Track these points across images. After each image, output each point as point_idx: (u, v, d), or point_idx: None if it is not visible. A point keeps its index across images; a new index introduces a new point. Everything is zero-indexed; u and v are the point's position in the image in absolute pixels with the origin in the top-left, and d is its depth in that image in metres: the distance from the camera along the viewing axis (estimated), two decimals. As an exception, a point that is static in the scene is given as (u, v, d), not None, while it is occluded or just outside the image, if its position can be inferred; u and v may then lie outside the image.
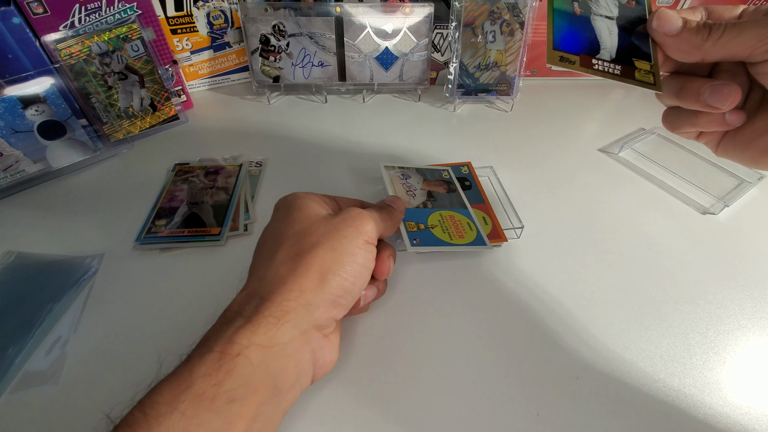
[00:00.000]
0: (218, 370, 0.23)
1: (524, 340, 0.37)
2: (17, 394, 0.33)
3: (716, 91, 0.26)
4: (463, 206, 0.46)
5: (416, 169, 0.50)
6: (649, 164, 0.55)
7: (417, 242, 0.40)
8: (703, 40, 0.24)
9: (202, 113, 0.66)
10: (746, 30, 0.22)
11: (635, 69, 0.27)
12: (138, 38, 0.55)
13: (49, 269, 0.42)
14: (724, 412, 0.33)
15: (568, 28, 0.28)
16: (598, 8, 0.27)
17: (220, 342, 0.24)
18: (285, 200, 0.34)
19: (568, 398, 0.33)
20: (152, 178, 0.53)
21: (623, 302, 0.40)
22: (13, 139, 0.49)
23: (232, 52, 0.69)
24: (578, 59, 0.28)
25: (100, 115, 0.55)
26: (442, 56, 0.69)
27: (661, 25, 0.25)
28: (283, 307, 0.26)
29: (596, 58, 0.28)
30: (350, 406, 0.33)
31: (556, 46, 0.28)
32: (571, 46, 0.28)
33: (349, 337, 0.37)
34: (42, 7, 0.49)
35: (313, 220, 0.31)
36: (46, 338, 0.36)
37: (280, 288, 0.26)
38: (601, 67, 0.28)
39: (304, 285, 0.27)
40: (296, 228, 0.30)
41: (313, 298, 0.27)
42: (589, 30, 0.27)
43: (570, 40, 0.28)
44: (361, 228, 0.30)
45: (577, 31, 0.28)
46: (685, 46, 0.25)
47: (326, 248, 0.28)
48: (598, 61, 0.28)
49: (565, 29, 0.28)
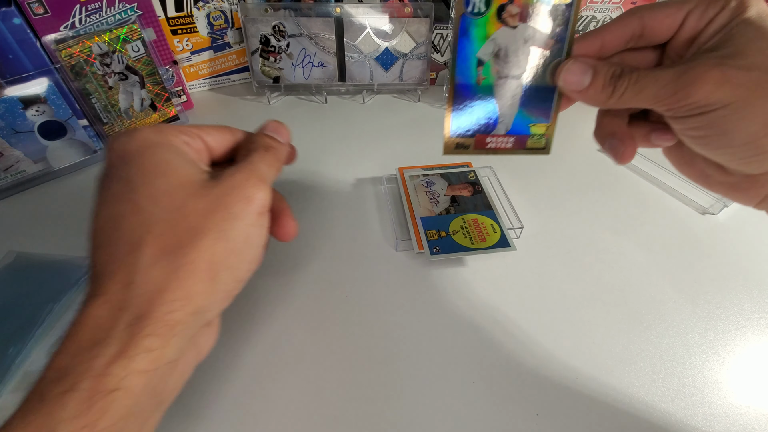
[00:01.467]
0: (89, 410, 0.18)
1: (524, 339, 0.37)
2: (17, 394, 0.33)
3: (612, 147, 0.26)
4: (488, 207, 0.46)
5: (440, 174, 0.50)
6: (649, 164, 0.55)
7: (437, 250, 0.40)
8: (607, 97, 0.23)
9: (202, 114, 0.66)
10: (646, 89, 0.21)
11: (528, 137, 0.26)
12: (138, 39, 0.55)
13: (49, 269, 0.42)
14: (723, 411, 0.33)
15: (467, 105, 0.25)
16: (505, 68, 0.25)
17: (88, 377, 0.18)
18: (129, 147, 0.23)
19: (567, 398, 0.33)
20: (152, 179, 0.53)
21: (623, 302, 0.40)
22: (13, 140, 0.49)
23: (233, 52, 0.69)
24: (473, 142, 0.26)
25: (101, 115, 0.55)
26: (442, 56, 0.69)
27: (567, 82, 0.24)
28: (167, 322, 0.20)
29: (491, 135, 0.26)
30: (350, 407, 0.33)
31: (455, 132, 0.26)
32: (468, 128, 0.26)
33: (348, 337, 0.37)
34: (42, 8, 0.49)
35: (187, 191, 0.22)
36: (47, 338, 0.36)
37: (159, 298, 0.20)
38: (494, 145, 0.27)
39: (191, 289, 0.21)
40: (163, 204, 0.21)
41: (204, 302, 0.22)
42: (489, 102, 0.25)
43: (468, 121, 0.26)
44: (254, 198, 0.24)
45: (475, 106, 0.26)
46: (592, 101, 0.24)
47: (214, 237, 0.21)
48: (492, 139, 0.26)
49: (463, 109, 0.26)
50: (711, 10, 0.21)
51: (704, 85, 0.20)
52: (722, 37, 0.21)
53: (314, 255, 0.44)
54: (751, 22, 0.20)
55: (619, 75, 0.22)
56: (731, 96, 0.20)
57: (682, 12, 0.22)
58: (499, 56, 0.24)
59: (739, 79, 0.19)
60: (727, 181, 0.25)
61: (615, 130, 0.27)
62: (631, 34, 0.24)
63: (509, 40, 0.24)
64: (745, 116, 0.20)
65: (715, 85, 0.20)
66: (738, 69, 0.20)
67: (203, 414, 0.32)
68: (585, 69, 0.23)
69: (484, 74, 0.25)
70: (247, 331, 0.37)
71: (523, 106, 0.26)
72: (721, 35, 0.21)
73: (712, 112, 0.20)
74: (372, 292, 0.41)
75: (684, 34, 0.23)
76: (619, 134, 0.26)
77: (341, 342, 0.37)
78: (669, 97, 0.21)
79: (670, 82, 0.21)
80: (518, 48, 0.24)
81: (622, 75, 0.22)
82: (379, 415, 0.32)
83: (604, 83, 0.22)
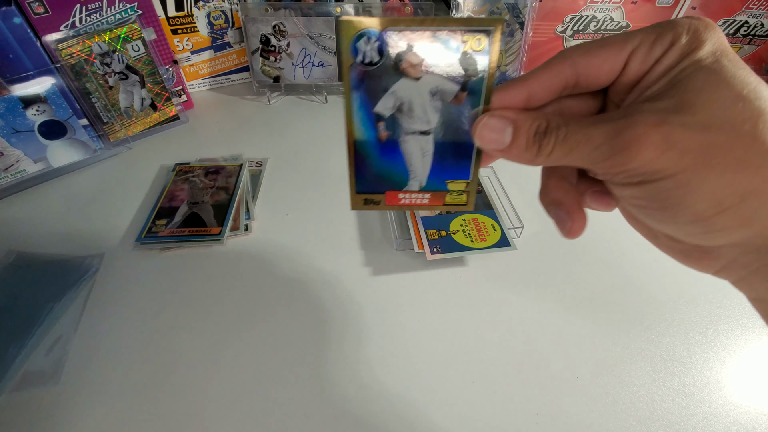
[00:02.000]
0: None
1: (524, 339, 0.37)
2: (17, 393, 0.33)
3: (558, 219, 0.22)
4: (489, 207, 0.46)
5: None
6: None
7: (437, 250, 0.40)
8: (533, 156, 0.19)
9: (202, 113, 0.66)
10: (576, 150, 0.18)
11: (446, 193, 0.23)
12: (139, 38, 0.55)
13: (50, 269, 0.42)
14: (724, 411, 0.33)
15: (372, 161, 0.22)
16: (410, 123, 0.21)
17: None
18: None
19: (568, 398, 0.33)
20: (152, 178, 0.53)
21: (623, 302, 0.40)
22: (13, 139, 0.49)
23: (233, 52, 0.69)
24: (383, 198, 0.24)
25: (101, 115, 0.55)
26: (442, 56, 0.69)
27: (485, 140, 0.20)
28: None
29: (403, 191, 0.23)
30: (350, 407, 0.33)
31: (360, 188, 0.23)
32: (376, 185, 0.23)
33: (348, 336, 0.37)
34: (43, 7, 0.49)
35: None
36: (47, 338, 0.36)
37: None
38: (408, 201, 0.24)
39: None
40: None
41: None
42: (397, 158, 0.22)
43: (374, 177, 0.23)
44: None
45: (382, 163, 0.22)
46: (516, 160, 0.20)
47: None
48: (405, 195, 0.23)
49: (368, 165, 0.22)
50: (658, 49, 0.18)
51: (643, 151, 0.16)
52: (669, 82, 0.17)
53: (314, 254, 0.44)
54: (703, 65, 0.17)
55: (544, 131, 0.18)
56: (676, 165, 0.16)
57: (624, 54, 0.18)
58: (403, 111, 0.21)
59: (685, 144, 0.16)
60: (677, 248, 0.20)
61: (561, 197, 0.22)
62: (564, 83, 0.20)
63: (413, 93, 0.20)
64: (693, 191, 0.16)
65: (657, 151, 0.16)
66: (685, 129, 0.16)
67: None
68: (504, 125, 0.19)
69: (388, 129, 0.21)
70: (247, 331, 0.37)
71: (438, 162, 0.22)
72: (667, 79, 0.17)
73: (654, 183, 0.17)
74: (372, 292, 0.41)
75: (628, 77, 0.19)
76: (566, 204, 0.22)
77: (341, 342, 0.37)
78: (603, 160, 0.17)
79: (603, 143, 0.17)
80: (424, 101, 0.20)
81: (548, 131, 0.18)
82: (379, 414, 0.32)
83: (528, 141, 0.19)
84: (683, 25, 0.18)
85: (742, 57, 0.71)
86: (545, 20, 0.67)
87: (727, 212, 0.16)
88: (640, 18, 0.67)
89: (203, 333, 0.37)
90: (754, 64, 0.71)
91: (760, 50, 0.70)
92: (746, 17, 0.66)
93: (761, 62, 0.71)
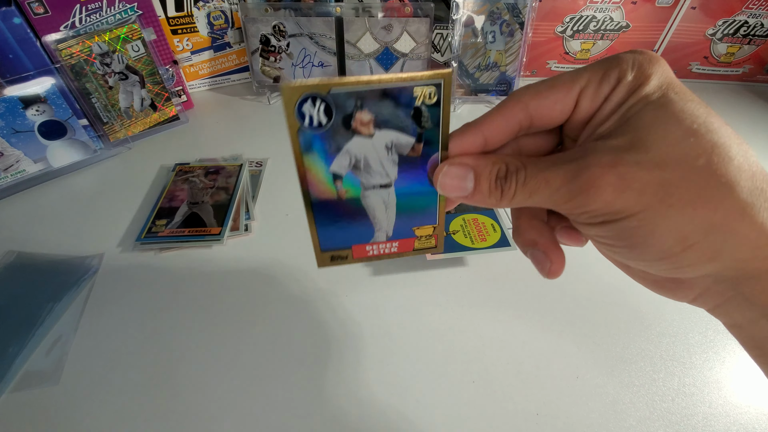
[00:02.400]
0: None
1: (524, 339, 0.37)
2: (17, 393, 0.33)
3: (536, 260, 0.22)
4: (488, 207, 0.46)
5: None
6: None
7: None
8: (497, 200, 0.19)
9: (202, 113, 0.66)
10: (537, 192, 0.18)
11: (415, 239, 0.23)
12: (138, 38, 0.55)
13: (50, 269, 0.42)
14: (724, 411, 0.33)
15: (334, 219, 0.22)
16: (370, 178, 0.21)
17: None
18: None
19: (568, 398, 0.33)
20: (152, 178, 0.53)
21: (623, 302, 0.40)
22: (13, 139, 0.49)
23: (233, 52, 0.69)
24: (350, 252, 0.23)
25: (101, 115, 0.55)
26: (442, 56, 0.69)
27: (447, 189, 0.20)
28: None
29: (371, 243, 0.23)
30: (350, 406, 0.33)
31: (325, 246, 0.23)
32: (341, 240, 0.23)
33: (349, 336, 0.37)
34: (43, 7, 0.49)
35: None
36: (47, 338, 0.36)
37: None
38: (376, 252, 0.23)
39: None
40: None
41: None
42: (360, 213, 0.22)
43: (339, 233, 0.22)
44: None
45: (345, 220, 0.22)
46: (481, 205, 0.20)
47: None
48: (373, 246, 0.23)
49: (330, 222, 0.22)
50: (605, 86, 0.18)
51: (602, 193, 0.16)
52: (620, 119, 0.17)
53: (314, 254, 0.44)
54: (651, 101, 0.17)
55: (505, 176, 0.19)
56: (636, 204, 0.16)
57: (573, 94, 0.18)
58: (360, 167, 0.20)
59: (642, 183, 0.15)
60: (650, 278, 0.20)
61: (535, 237, 0.22)
62: (518, 126, 0.20)
63: (368, 150, 0.20)
64: (656, 229, 0.16)
65: (615, 192, 0.16)
66: (640, 167, 0.16)
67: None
68: (464, 172, 0.19)
69: (347, 186, 0.21)
70: (247, 330, 0.37)
71: (402, 212, 0.22)
72: (618, 116, 0.17)
73: (616, 223, 0.17)
74: (372, 291, 0.41)
75: (580, 115, 0.19)
76: (542, 244, 0.22)
77: (341, 342, 0.37)
78: (564, 203, 0.17)
79: (562, 186, 0.17)
80: (381, 156, 0.20)
81: (508, 176, 0.18)
82: (379, 414, 0.32)
83: (490, 186, 0.19)
84: (628, 61, 0.18)
85: (742, 57, 0.71)
86: (545, 20, 0.67)
87: (693, 248, 0.16)
88: (640, 18, 0.67)
89: (203, 333, 0.37)
90: (754, 64, 0.71)
91: (760, 50, 0.70)
92: (746, 17, 0.66)
93: (761, 62, 0.71)
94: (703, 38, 0.69)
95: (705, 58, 0.72)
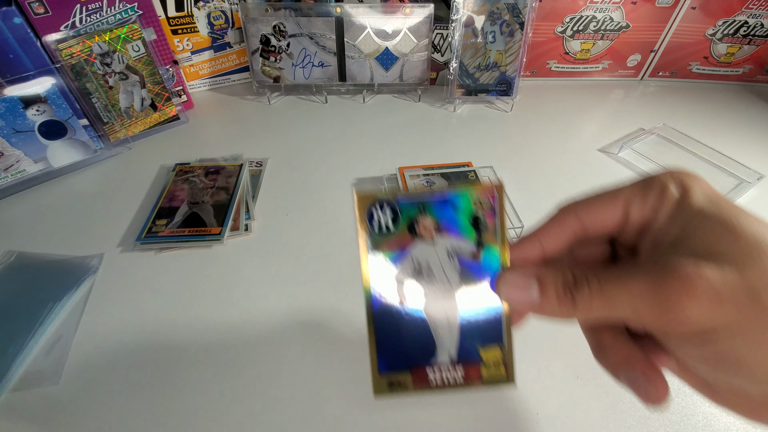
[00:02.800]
0: None
1: (524, 339, 0.37)
2: (17, 393, 0.33)
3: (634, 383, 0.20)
4: None
5: (441, 174, 0.50)
6: (649, 164, 0.55)
7: None
8: (569, 310, 0.18)
9: (202, 113, 0.66)
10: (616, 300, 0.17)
11: (481, 364, 0.22)
12: (139, 38, 0.55)
13: (50, 269, 0.42)
14: (724, 410, 0.33)
15: (395, 333, 0.21)
16: (432, 285, 0.21)
17: None
18: None
19: (568, 398, 0.33)
20: (153, 178, 0.53)
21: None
22: (14, 139, 0.49)
23: (233, 52, 0.69)
24: (410, 378, 0.22)
25: (101, 115, 0.55)
26: (442, 56, 0.69)
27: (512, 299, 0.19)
28: None
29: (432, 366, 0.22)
30: (349, 406, 0.33)
31: (383, 366, 0.22)
32: (400, 360, 0.22)
33: (349, 336, 0.37)
34: (43, 7, 0.49)
35: None
36: (47, 338, 0.36)
37: None
38: (440, 380, 0.22)
39: None
40: None
41: None
42: (421, 325, 0.21)
43: (398, 352, 0.21)
44: None
45: (405, 333, 0.21)
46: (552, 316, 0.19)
47: None
48: (435, 371, 0.22)
49: (390, 337, 0.21)
50: (651, 197, 0.18)
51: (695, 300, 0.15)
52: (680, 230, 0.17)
53: (314, 254, 0.44)
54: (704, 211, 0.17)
55: (574, 282, 0.18)
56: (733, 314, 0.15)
57: (619, 204, 0.19)
58: (422, 273, 0.21)
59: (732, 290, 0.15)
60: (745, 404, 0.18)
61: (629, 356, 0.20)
62: (573, 234, 0.20)
63: (430, 255, 0.21)
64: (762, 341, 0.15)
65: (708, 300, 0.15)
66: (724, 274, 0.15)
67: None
68: (527, 280, 0.19)
69: (409, 294, 0.21)
70: (247, 330, 0.37)
71: (465, 326, 0.21)
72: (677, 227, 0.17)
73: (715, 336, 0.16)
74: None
75: (632, 225, 0.19)
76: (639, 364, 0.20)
77: (341, 342, 0.37)
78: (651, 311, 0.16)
79: (646, 292, 0.16)
80: (442, 262, 0.21)
81: (578, 282, 0.18)
82: (379, 414, 0.32)
83: (558, 295, 0.18)
84: (666, 175, 0.19)
85: (742, 57, 0.71)
86: (545, 20, 0.67)
87: None
88: (640, 18, 0.67)
89: (203, 333, 0.37)
90: (754, 64, 0.71)
91: (760, 50, 0.70)
92: (746, 17, 0.66)
93: (761, 62, 0.71)
94: (703, 38, 0.69)
95: (705, 58, 0.72)
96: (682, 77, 0.75)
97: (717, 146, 0.57)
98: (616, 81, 0.75)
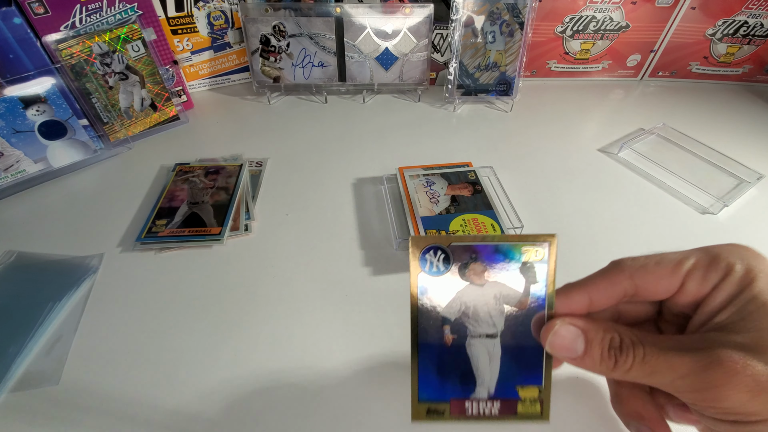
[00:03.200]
0: None
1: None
2: (17, 393, 0.33)
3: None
4: (488, 207, 0.46)
5: (441, 174, 0.50)
6: (649, 164, 0.55)
7: None
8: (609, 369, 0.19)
9: (202, 113, 0.66)
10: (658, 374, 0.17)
11: (518, 401, 0.22)
12: (139, 38, 0.55)
13: (50, 269, 0.42)
14: None
15: (437, 367, 0.22)
16: (477, 326, 0.22)
17: None
18: None
19: (567, 398, 0.33)
20: (152, 178, 0.53)
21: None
22: (13, 139, 0.49)
23: (233, 52, 0.69)
24: (448, 407, 0.23)
25: (101, 115, 0.55)
26: (442, 56, 0.69)
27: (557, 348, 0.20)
28: None
29: (470, 399, 0.23)
30: (349, 406, 0.33)
31: (423, 396, 0.23)
32: (439, 392, 0.22)
33: (349, 336, 0.37)
34: (43, 7, 0.49)
35: None
36: (47, 338, 0.36)
37: None
38: (476, 411, 0.23)
39: None
40: None
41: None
42: (463, 362, 0.22)
43: (439, 384, 0.22)
44: None
45: (447, 368, 0.22)
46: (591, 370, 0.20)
47: None
48: (472, 403, 0.23)
49: (432, 370, 0.22)
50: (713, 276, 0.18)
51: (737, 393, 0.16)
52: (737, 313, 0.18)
53: (314, 254, 0.44)
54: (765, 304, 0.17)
55: (620, 347, 0.18)
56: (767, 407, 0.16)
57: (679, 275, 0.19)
58: (468, 314, 0.22)
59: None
60: None
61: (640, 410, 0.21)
62: (623, 294, 0.20)
63: (477, 298, 0.21)
64: None
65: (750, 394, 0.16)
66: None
67: (203, 413, 0.32)
68: (575, 334, 0.19)
69: (454, 333, 0.22)
70: (247, 331, 0.37)
71: (506, 366, 0.22)
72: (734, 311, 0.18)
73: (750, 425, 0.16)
74: (372, 291, 0.41)
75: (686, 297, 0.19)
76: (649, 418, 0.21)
77: (341, 342, 0.37)
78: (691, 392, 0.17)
79: (689, 375, 0.17)
80: (489, 306, 0.22)
81: (623, 348, 0.18)
82: (378, 414, 0.32)
83: (602, 354, 0.19)
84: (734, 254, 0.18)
85: (742, 57, 0.71)
86: (545, 20, 0.67)
87: None
88: (640, 18, 0.67)
89: (203, 333, 0.37)
90: (754, 64, 0.72)
91: (760, 50, 0.70)
92: (746, 17, 0.66)
93: (761, 62, 0.71)
94: (703, 38, 0.69)
95: (705, 58, 0.72)
96: (682, 77, 0.75)
97: (717, 146, 0.57)
98: (615, 81, 0.75)
